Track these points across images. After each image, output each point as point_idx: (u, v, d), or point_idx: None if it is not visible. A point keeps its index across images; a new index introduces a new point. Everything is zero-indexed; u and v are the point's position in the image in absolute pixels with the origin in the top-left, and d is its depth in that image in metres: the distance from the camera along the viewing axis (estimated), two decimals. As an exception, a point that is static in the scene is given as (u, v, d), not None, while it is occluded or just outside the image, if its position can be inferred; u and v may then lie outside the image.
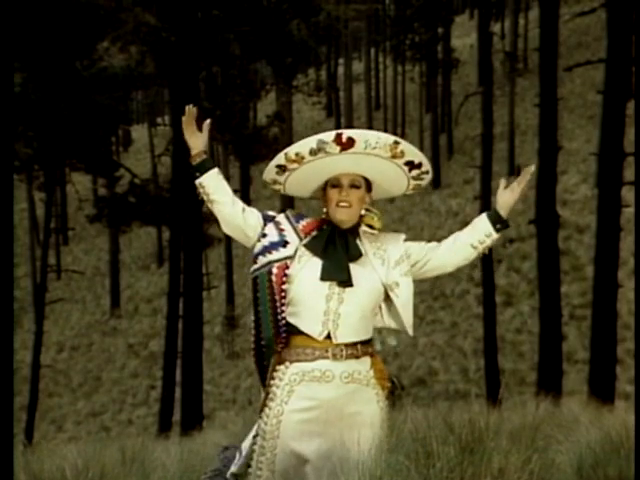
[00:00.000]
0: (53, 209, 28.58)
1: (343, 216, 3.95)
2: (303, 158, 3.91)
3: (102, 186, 35.13)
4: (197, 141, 4.02)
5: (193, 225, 20.98)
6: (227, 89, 23.47)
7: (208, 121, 4.03)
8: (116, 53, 24.06)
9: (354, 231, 4.00)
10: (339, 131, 3.91)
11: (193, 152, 4.01)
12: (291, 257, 3.94)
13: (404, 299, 3.96)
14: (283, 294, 3.90)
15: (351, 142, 3.87)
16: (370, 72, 49.13)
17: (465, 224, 4.20)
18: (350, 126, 40.55)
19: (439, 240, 4.07)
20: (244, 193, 30.22)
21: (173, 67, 21.65)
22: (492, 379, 21.84)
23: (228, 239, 34.49)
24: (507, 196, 4.05)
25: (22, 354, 31.90)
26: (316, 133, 3.98)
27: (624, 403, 15.23)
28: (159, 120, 51.64)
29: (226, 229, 4.07)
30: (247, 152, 24.09)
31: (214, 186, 4.00)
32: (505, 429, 4.19)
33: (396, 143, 3.91)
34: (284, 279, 3.90)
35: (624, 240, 18.75)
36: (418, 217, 35.77)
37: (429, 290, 29.33)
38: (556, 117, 18.66)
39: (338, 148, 3.87)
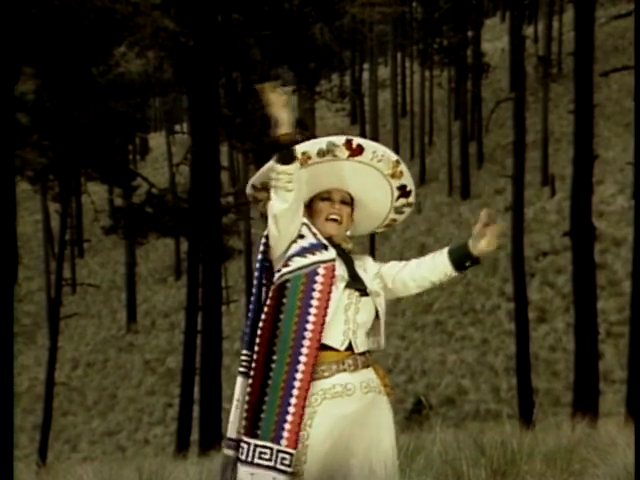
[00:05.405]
0: (68, 220, 28.63)
1: (333, 231, 3.91)
2: (309, 158, 3.83)
3: (118, 196, 35.37)
4: (289, 116, 3.71)
5: (212, 236, 20.83)
6: (247, 95, 23.27)
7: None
8: (133, 58, 24.39)
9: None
10: (349, 137, 3.88)
11: (284, 130, 3.69)
12: (335, 260, 3.83)
13: (383, 310, 3.94)
14: (329, 296, 3.74)
15: (360, 149, 3.86)
16: (396, 77, 48.86)
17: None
18: (376, 134, 40.51)
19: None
20: (265, 203, 29.96)
21: (192, 73, 21.60)
22: (525, 399, 21.42)
23: (248, 251, 34.11)
24: (482, 245, 3.88)
25: (36, 371, 32.01)
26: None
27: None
28: (177, 128, 51.86)
29: (285, 213, 3.75)
30: (268, 161, 23.60)
31: (297, 176, 3.73)
32: (539, 452, 4.28)
33: (397, 162, 3.93)
34: (333, 280, 3.77)
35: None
36: (447, 229, 35.58)
37: (458, 305, 29.19)
38: (592, 124, 18.50)
39: (347, 153, 3.85)
